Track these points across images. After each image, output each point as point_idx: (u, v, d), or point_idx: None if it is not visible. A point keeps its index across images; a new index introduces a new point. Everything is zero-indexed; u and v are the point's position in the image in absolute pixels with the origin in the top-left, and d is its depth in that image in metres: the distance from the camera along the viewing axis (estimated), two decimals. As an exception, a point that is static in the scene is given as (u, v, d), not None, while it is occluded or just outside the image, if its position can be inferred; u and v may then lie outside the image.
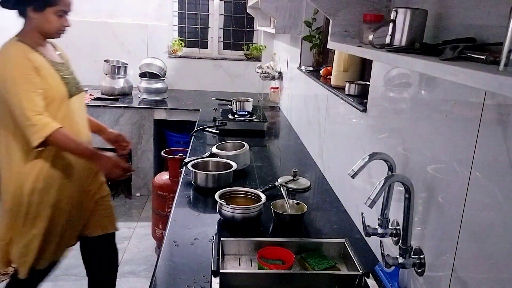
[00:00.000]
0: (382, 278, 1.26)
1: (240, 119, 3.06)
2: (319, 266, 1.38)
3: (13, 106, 1.71)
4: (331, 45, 1.44)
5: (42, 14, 1.76)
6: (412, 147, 1.21)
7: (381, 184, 1.01)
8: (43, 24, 1.79)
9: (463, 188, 0.93)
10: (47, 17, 1.78)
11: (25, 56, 1.73)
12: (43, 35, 1.82)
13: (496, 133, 0.83)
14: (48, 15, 1.77)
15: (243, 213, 1.58)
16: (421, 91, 1.17)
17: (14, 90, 1.69)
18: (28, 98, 1.69)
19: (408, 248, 1.12)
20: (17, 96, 1.69)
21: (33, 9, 1.75)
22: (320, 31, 2.83)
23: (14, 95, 1.69)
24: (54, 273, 2.76)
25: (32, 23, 1.78)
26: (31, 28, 1.79)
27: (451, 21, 1.05)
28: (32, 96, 1.70)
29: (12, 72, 1.70)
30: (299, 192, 1.94)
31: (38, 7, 1.75)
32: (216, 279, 1.24)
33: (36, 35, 1.81)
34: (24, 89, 1.70)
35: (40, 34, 1.81)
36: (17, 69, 1.70)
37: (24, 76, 1.70)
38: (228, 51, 4.92)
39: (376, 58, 1.11)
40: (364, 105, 1.61)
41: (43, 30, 1.80)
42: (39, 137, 1.70)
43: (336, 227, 1.63)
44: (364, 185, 1.55)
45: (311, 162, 2.41)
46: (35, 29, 1.79)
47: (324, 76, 2.44)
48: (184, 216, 1.70)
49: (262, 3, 2.88)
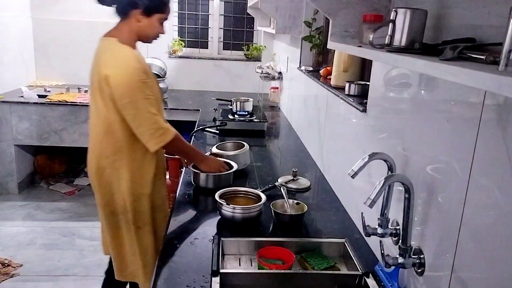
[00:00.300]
0: (382, 278, 1.26)
1: (240, 119, 3.06)
2: (319, 266, 1.38)
3: (132, 110, 1.67)
4: (331, 45, 1.44)
5: (148, 19, 1.75)
6: (412, 147, 1.21)
7: (381, 184, 1.01)
8: (146, 29, 1.76)
9: (463, 188, 0.93)
10: (152, 23, 1.76)
11: (138, 60, 1.72)
12: (140, 38, 1.80)
13: (496, 133, 0.83)
14: (153, 20, 1.76)
15: (243, 213, 1.58)
16: (421, 91, 1.17)
17: (136, 96, 1.66)
18: (150, 102, 1.69)
19: (408, 248, 1.12)
20: (139, 101, 1.66)
21: (141, 12, 1.73)
22: (320, 31, 2.83)
23: (135, 100, 1.66)
24: (54, 273, 2.77)
25: (134, 25, 1.75)
26: (130, 29, 1.76)
27: (451, 21, 1.05)
28: (152, 101, 1.70)
29: (132, 78, 1.66)
30: (299, 192, 1.94)
31: (147, 12, 1.73)
32: (216, 279, 1.24)
33: (134, 37, 1.78)
34: (146, 94, 1.68)
35: (138, 37, 1.79)
36: (136, 74, 1.67)
37: (142, 81, 1.68)
38: (228, 51, 4.92)
39: (376, 58, 1.11)
40: (364, 105, 1.61)
41: (143, 34, 1.78)
42: (162, 141, 1.71)
43: (336, 227, 1.63)
44: (364, 185, 1.55)
45: (311, 162, 2.41)
46: (135, 31, 1.76)
47: (324, 76, 2.44)
48: (184, 216, 1.70)
49: (262, 3, 2.88)
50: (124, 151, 1.77)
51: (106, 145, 1.78)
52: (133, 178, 1.80)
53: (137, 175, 1.81)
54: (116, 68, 1.67)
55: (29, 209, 3.65)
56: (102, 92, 1.70)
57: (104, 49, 1.75)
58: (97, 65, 1.73)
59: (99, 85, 1.70)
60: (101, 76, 1.67)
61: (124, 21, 1.76)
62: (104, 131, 1.76)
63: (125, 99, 1.66)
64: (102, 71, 1.68)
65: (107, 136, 1.76)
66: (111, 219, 1.85)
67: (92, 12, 4.48)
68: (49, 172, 4.23)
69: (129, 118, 1.69)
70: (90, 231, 3.31)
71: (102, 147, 1.79)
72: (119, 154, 1.77)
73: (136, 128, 1.71)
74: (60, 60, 4.56)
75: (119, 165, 1.79)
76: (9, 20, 4.09)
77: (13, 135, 3.74)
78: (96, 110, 1.77)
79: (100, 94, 1.71)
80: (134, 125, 1.70)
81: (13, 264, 2.81)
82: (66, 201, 3.83)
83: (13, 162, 3.81)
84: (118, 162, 1.78)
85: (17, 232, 3.26)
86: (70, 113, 3.74)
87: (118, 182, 1.80)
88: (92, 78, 1.77)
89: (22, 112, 3.70)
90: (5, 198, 3.80)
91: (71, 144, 3.84)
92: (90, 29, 4.48)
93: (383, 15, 1.35)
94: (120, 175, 1.79)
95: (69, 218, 3.52)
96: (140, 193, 1.82)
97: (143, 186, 1.82)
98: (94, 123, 1.82)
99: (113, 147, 1.77)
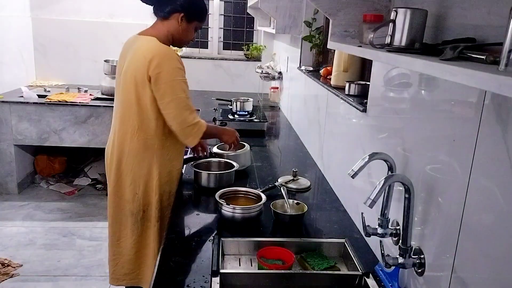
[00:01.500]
0: (382, 278, 1.26)
1: (240, 119, 3.06)
2: (319, 266, 1.38)
3: (174, 110, 1.72)
4: (331, 45, 1.44)
5: (188, 24, 1.80)
6: (412, 147, 1.21)
7: (381, 184, 1.01)
8: (182, 33, 1.81)
9: (463, 188, 0.93)
10: (190, 29, 1.82)
11: (179, 61, 1.75)
12: (174, 41, 1.84)
13: (496, 133, 0.83)
14: (191, 27, 1.82)
15: (243, 213, 1.58)
16: (421, 91, 1.17)
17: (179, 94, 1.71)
18: (189, 101, 1.76)
19: (408, 248, 1.12)
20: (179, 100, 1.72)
21: (183, 16, 1.77)
22: (320, 31, 2.83)
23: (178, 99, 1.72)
24: (54, 273, 2.77)
25: (173, 27, 1.79)
26: (168, 31, 1.80)
27: (451, 21, 1.05)
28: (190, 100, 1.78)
29: (176, 77, 1.71)
30: (299, 192, 1.94)
31: (189, 17, 1.79)
32: (216, 279, 1.24)
33: (170, 39, 1.82)
34: (186, 93, 1.75)
35: (173, 39, 1.83)
36: (179, 74, 1.73)
37: (184, 81, 1.75)
38: (228, 51, 4.92)
39: (376, 58, 1.11)
40: (364, 105, 1.61)
41: (178, 37, 1.83)
42: (198, 135, 1.79)
43: (336, 227, 1.63)
44: (364, 185, 1.55)
45: (311, 162, 2.41)
46: (171, 34, 1.80)
47: (324, 76, 2.44)
48: (185, 216, 1.70)
49: (262, 3, 2.88)
50: (155, 148, 1.80)
51: (136, 142, 1.79)
52: (161, 175, 1.83)
53: (164, 173, 1.84)
54: (161, 67, 1.68)
55: (29, 209, 3.65)
56: (145, 88, 1.71)
57: (146, 48, 1.73)
58: (138, 63, 1.71)
59: (142, 83, 1.70)
60: (146, 74, 1.68)
61: (163, 22, 1.80)
62: (136, 128, 1.77)
63: (168, 97, 1.71)
64: (148, 69, 1.68)
65: (138, 133, 1.78)
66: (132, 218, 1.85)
67: (92, 12, 4.49)
68: (49, 172, 4.22)
69: (169, 117, 1.74)
70: (90, 231, 3.31)
71: (133, 144, 1.80)
72: (149, 152, 1.80)
73: (177, 126, 1.75)
74: (60, 60, 4.56)
75: (148, 162, 1.81)
76: (9, 20, 4.09)
77: (13, 135, 3.74)
78: (130, 106, 1.76)
79: (142, 90, 1.72)
80: (174, 123, 1.74)
81: (12, 264, 2.81)
82: (66, 201, 3.83)
83: (13, 162, 3.81)
84: (147, 160, 1.81)
85: (16, 232, 3.25)
86: (70, 113, 3.74)
87: (146, 179, 1.82)
88: (129, 75, 1.74)
89: (22, 112, 3.70)
90: (4, 198, 3.80)
91: (71, 144, 3.84)
92: (90, 29, 4.49)
93: (383, 15, 1.35)
94: (150, 172, 1.81)
95: (69, 218, 3.52)
96: (164, 190, 1.86)
97: (169, 184, 1.88)
98: (124, 120, 1.80)
99: (144, 144, 1.79)
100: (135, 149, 1.80)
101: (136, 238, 1.86)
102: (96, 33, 4.48)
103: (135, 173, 1.82)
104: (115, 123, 1.85)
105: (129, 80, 1.74)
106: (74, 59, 4.54)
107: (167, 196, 1.88)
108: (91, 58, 4.48)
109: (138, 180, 1.82)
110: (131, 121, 1.77)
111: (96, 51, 4.44)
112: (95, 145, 3.83)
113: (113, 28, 4.48)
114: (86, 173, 4.31)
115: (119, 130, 1.82)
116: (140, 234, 1.86)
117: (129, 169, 1.82)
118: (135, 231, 1.85)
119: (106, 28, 4.47)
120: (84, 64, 4.58)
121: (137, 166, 1.81)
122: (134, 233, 1.85)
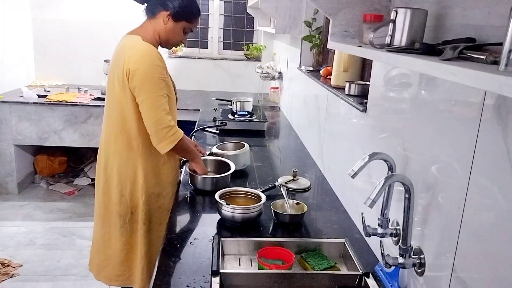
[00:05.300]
0: (382, 278, 1.26)
1: (240, 119, 3.06)
2: (319, 266, 1.38)
3: (145, 108, 1.68)
4: (331, 45, 1.44)
5: (174, 24, 1.76)
6: (412, 147, 1.21)
7: (381, 184, 1.01)
8: (168, 33, 1.78)
9: (463, 188, 0.93)
10: (176, 29, 1.78)
11: (159, 58, 1.72)
12: (161, 40, 1.81)
13: (496, 133, 0.83)
14: (178, 27, 1.78)
15: (243, 213, 1.58)
16: (421, 91, 1.17)
17: (153, 93, 1.67)
18: (165, 101, 1.70)
19: (408, 248, 1.12)
20: (154, 98, 1.67)
21: (169, 15, 1.74)
22: (320, 31, 2.83)
23: (151, 97, 1.66)
24: (54, 273, 2.77)
25: (159, 26, 1.76)
26: (154, 30, 1.77)
27: (451, 21, 1.05)
28: (166, 100, 1.71)
29: (153, 74, 1.67)
30: (299, 192, 1.93)
31: (175, 16, 1.75)
32: (216, 279, 1.24)
33: (156, 38, 1.79)
34: (163, 92, 1.69)
35: (160, 39, 1.80)
36: (156, 71, 1.68)
37: (162, 79, 1.69)
38: (228, 51, 4.92)
39: (376, 58, 1.11)
40: (364, 105, 1.61)
41: (164, 37, 1.79)
42: (173, 141, 1.70)
43: (336, 227, 1.63)
44: (364, 185, 1.55)
45: (311, 162, 2.41)
46: (158, 33, 1.78)
47: (324, 76, 2.44)
48: (184, 216, 1.70)
49: (262, 3, 2.88)
50: (139, 149, 1.77)
51: (120, 143, 1.77)
52: (147, 177, 1.80)
53: (151, 175, 1.81)
54: (137, 63, 1.66)
55: (29, 209, 3.65)
56: (124, 86, 1.69)
57: (128, 45, 1.73)
58: (119, 61, 1.70)
59: (122, 80, 1.69)
60: (124, 71, 1.67)
61: (150, 20, 1.78)
62: (119, 128, 1.75)
63: (143, 95, 1.67)
64: (125, 66, 1.67)
65: (122, 133, 1.76)
66: (120, 220, 1.82)
67: (92, 12, 4.49)
68: (49, 172, 4.22)
69: (144, 116, 1.69)
70: (90, 231, 3.28)
71: (117, 144, 1.78)
72: (134, 152, 1.77)
73: (151, 126, 1.69)
74: (60, 60, 4.56)
75: (133, 164, 1.78)
76: (9, 20, 4.09)
77: (13, 135, 3.74)
78: (114, 106, 1.75)
79: (121, 89, 1.70)
80: (149, 123, 1.69)
81: (12, 264, 2.81)
82: (66, 201, 3.83)
83: (13, 162, 3.81)
84: (132, 161, 1.78)
85: (16, 232, 3.25)
86: (70, 113, 3.74)
87: (132, 180, 1.79)
88: (112, 74, 1.74)
89: (22, 112, 3.70)
90: (4, 198, 3.80)
91: (71, 144, 3.84)
92: (90, 29, 4.49)
93: (383, 15, 1.35)
94: (135, 174, 1.79)
95: (68, 218, 3.52)
96: (152, 192, 1.82)
97: (158, 186, 1.83)
98: (109, 120, 1.80)
99: (128, 145, 1.77)
100: (119, 150, 1.78)
101: (126, 240, 1.84)
102: (96, 33, 4.48)
103: (121, 174, 1.79)
104: (103, 123, 1.85)
105: (111, 79, 1.74)
106: (74, 59, 4.54)
107: (155, 199, 1.84)
108: (91, 58, 4.48)
109: (124, 181, 1.80)
110: (116, 121, 1.76)
111: (96, 51, 4.44)
112: (95, 145, 3.81)
113: (113, 28, 4.47)
114: (86, 173, 4.31)
115: (105, 131, 1.82)
116: (130, 236, 1.84)
117: (115, 169, 1.80)
118: (124, 233, 1.84)
119: (106, 28, 4.46)
120: (84, 64, 4.58)
121: (122, 167, 1.79)
122: (124, 235, 1.84)
